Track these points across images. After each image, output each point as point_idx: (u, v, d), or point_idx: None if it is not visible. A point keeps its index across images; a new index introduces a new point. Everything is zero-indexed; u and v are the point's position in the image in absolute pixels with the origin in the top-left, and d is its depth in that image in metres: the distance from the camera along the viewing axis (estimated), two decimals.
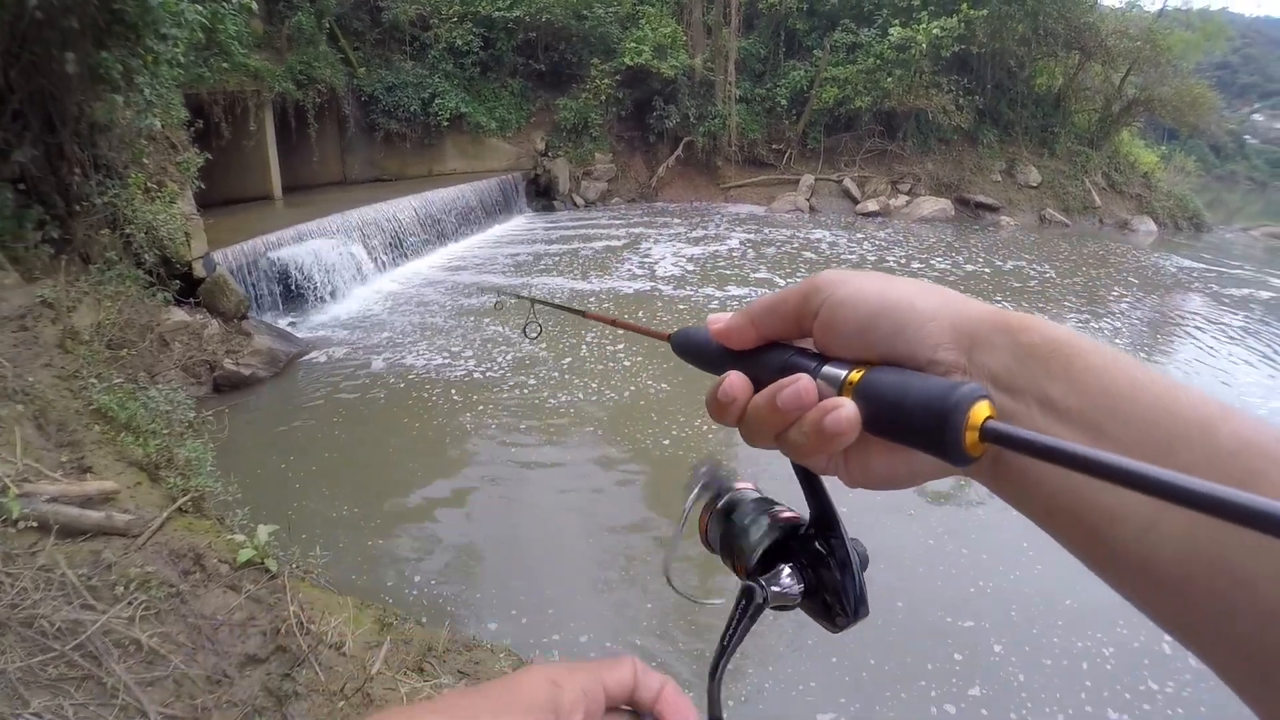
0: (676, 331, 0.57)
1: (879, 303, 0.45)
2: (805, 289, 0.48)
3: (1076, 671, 4.02)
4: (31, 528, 3.25)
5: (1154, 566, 0.35)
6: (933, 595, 4.62)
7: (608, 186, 20.03)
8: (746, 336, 0.50)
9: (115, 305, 6.43)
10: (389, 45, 18.28)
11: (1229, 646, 0.33)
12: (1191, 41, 21.87)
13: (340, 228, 11.79)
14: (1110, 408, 0.37)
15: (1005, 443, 0.37)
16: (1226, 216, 26.78)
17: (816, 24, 20.91)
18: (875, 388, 0.42)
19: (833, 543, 0.50)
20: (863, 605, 0.49)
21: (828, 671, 3.97)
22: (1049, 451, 0.34)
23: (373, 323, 10.11)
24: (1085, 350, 0.40)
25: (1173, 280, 14.19)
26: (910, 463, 0.44)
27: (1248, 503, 0.27)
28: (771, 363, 0.48)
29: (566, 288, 11.90)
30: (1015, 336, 0.41)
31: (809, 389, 0.44)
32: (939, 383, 0.40)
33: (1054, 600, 4.51)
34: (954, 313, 0.44)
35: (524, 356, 8.58)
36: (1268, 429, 0.34)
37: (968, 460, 0.39)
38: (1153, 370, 0.39)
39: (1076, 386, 0.39)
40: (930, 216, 18.76)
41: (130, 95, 6.43)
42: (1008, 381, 0.41)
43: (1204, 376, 8.91)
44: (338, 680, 2.85)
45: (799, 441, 0.44)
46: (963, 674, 4.00)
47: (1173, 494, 0.29)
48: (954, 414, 0.38)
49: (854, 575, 0.49)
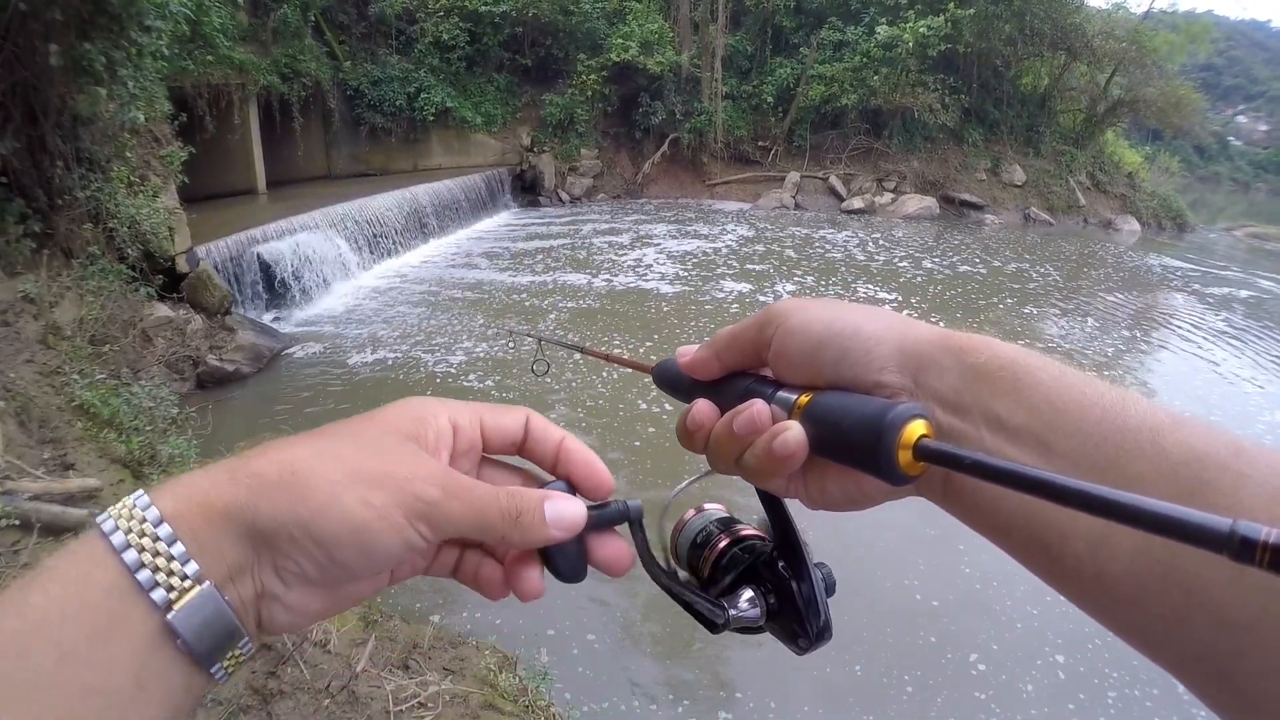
0: (656, 365, 0.58)
1: (826, 330, 0.46)
2: (760, 319, 0.49)
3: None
4: (13, 526, 3.23)
5: (1108, 580, 0.35)
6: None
7: (593, 182, 20.00)
8: (711, 368, 0.52)
9: (98, 300, 6.38)
10: (375, 39, 18.17)
11: (1187, 654, 0.34)
12: (1176, 43, 22.12)
13: (325, 222, 11.71)
14: (1057, 423, 0.38)
15: (936, 459, 0.38)
16: (1210, 217, 27.07)
17: (803, 21, 20.93)
18: (820, 410, 0.44)
19: (797, 567, 0.51)
20: (827, 630, 0.50)
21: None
22: (977, 467, 0.35)
23: (357, 318, 10.07)
24: (1033, 368, 0.40)
25: (1157, 279, 14.34)
26: (861, 484, 0.45)
27: (1148, 508, 0.28)
28: (733, 391, 0.50)
29: (553, 283, 11.87)
30: (962, 358, 0.42)
31: (762, 413, 0.45)
32: (876, 403, 0.41)
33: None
34: (900, 336, 0.44)
35: (508, 352, 8.56)
36: (1217, 436, 0.34)
37: (904, 479, 0.39)
38: (1104, 384, 0.39)
39: (1024, 404, 0.39)
40: (915, 214, 18.85)
41: (113, 88, 6.37)
42: (955, 402, 0.41)
43: (1197, 373, 9.01)
44: (323, 678, 2.84)
45: (752, 465, 0.45)
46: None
47: (1091, 505, 0.30)
48: (888, 433, 0.38)
49: (816, 600, 0.50)
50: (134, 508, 0.37)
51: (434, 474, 0.41)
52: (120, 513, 0.37)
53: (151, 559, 0.35)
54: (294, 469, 0.39)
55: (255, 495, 0.37)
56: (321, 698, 2.74)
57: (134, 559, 0.35)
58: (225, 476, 0.38)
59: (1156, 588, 0.33)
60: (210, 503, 0.37)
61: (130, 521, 0.36)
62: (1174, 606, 0.33)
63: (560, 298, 11.14)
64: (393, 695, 2.80)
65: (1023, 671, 4.06)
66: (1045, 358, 0.41)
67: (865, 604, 4.48)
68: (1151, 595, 0.34)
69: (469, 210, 16.38)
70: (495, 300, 10.94)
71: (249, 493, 0.38)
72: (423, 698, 2.79)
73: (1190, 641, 0.33)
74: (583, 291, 11.52)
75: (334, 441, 0.42)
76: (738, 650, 4.10)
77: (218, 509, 0.37)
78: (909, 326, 0.45)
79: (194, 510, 0.37)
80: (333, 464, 0.39)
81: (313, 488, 0.38)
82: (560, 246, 14.47)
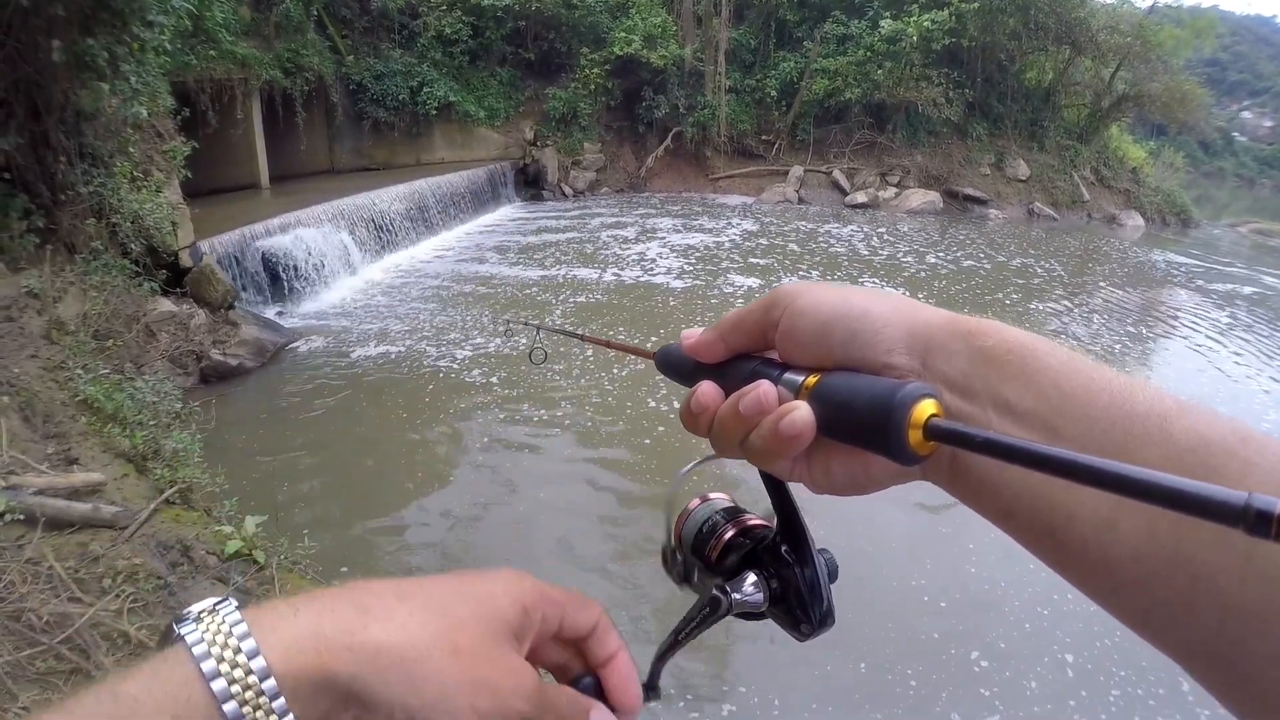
0: (659, 350, 0.58)
1: (834, 311, 0.46)
2: (767, 302, 0.49)
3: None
4: (18, 520, 3.24)
5: (1114, 564, 0.35)
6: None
7: (596, 176, 19.98)
8: (716, 350, 0.52)
9: (101, 295, 6.39)
10: (378, 33, 18.11)
11: (1192, 641, 0.34)
12: (1181, 38, 22.01)
13: (328, 217, 11.70)
14: (1065, 408, 0.38)
15: (947, 439, 0.37)
16: (1214, 212, 27.01)
17: (807, 15, 20.86)
18: (828, 391, 0.44)
19: (800, 552, 0.51)
20: (829, 616, 0.50)
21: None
22: (988, 445, 0.35)
23: (361, 312, 10.07)
24: (1041, 352, 0.40)
25: (1161, 275, 14.30)
26: (868, 467, 0.45)
27: (1166, 483, 0.28)
28: (739, 373, 0.50)
29: (558, 277, 11.87)
30: (970, 341, 0.42)
31: (769, 393, 0.45)
32: (886, 383, 0.41)
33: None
34: (908, 318, 0.45)
35: (514, 349, 8.56)
36: (1223, 423, 0.35)
37: (914, 459, 0.40)
38: (1111, 371, 0.39)
39: (1032, 388, 0.39)
40: (919, 209, 18.79)
41: (116, 83, 6.37)
42: (964, 385, 0.41)
43: (1202, 370, 8.99)
44: None
45: (758, 446, 0.45)
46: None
47: (1104, 480, 0.30)
48: (897, 412, 0.38)
49: (819, 586, 0.50)
50: (239, 651, 0.35)
51: (531, 690, 0.42)
52: (222, 653, 0.35)
53: (252, 713, 0.35)
54: (414, 656, 0.38)
55: (369, 671, 0.37)
56: None
57: (234, 712, 0.34)
58: (344, 641, 0.37)
59: (1163, 572, 0.34)
60: (324, 667, 0.36)
61: (234, 669, 0.35)
62: (1180, 591, 0.33)
63: (566, 292, 11.13)
64: None
65: (1027, 669, 4.06)
66: (1053, 343, 0.41)
67: (870, 601, 4.47)
68: (1157, 579, 0.34)
69: (472, 204, 16.36)
70: (500, 294, 10.93)
71: (363, 668, 0.37)
72: None
73: (1196, 627, 0.33)
74: (589, 285, 11.51)
75: (449, 626, 0.41)
76: (741, 645, 4.10)
77: (329, 677, 0.36)
78: (917, 309, 0.45)
79: (302, 672, 0.36)
80: (449, 661, 0.39)
81: (428, 680, 0.38)
82: (565, 241, 14.45)
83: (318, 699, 0.36)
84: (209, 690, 0.34)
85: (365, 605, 0.39)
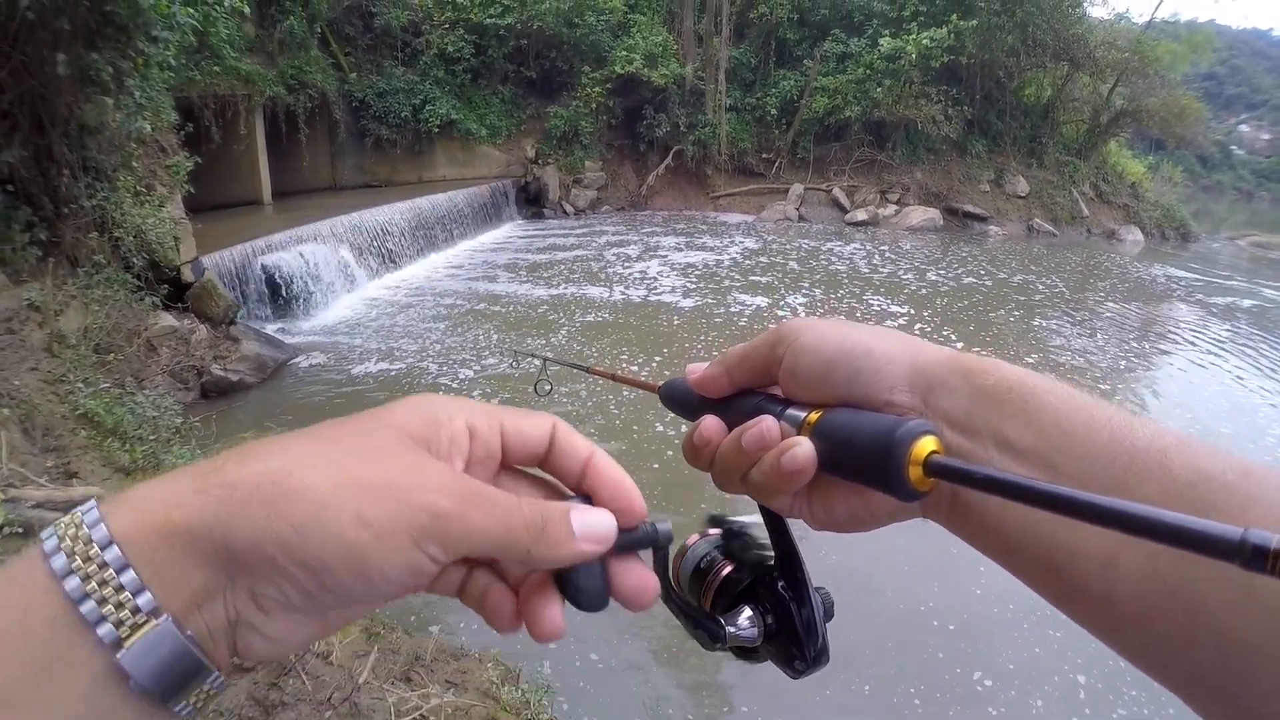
0: (664, 383, 0.58)
1: (837, 349, 0.46)
2: (771, 338, 0.50)
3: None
4: (16, 534, 3.22)
5: (1116, 600, 0.35)
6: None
7: (597, 194, 20.05)
8: (721, 385, 0.52)
9: (103, 309, 6.39)
10: (380, 51, 18.26)
11: (1194, 677, 0.34)
12: (1179, 53, 22.16)
13: (330, 233, 11.74)
14: (1065, 445, 0.38)
15: (947, 475, 0.38)
16: (1213, 226, 27.09)
17: (807, 34, 21.02)
18: (830, 427, 0.44)
19: (797, 590, 0.51)
20: (824, 654, 0.51)
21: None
22: (989, 482, 0.35)
23: (362, 329, 10.07)
24: (1041, 390, 0.40)
25: (1161, 289, 14.31)
26: (869, 503, 0.45)
27: (1152, 516, 0.28)
28: (743, 408, 0.50)
29: (560, 296, 11.87)
30: (971, 379, 0.42)
31: (772, 429, 0.46)
32: (887, 419, 0.41)
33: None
34: (911, 356, 0.45)
35: (516, 369, 8.55)
36: (1224, 458, 0.35)
37: (915, 495, 0.40)
38: (1113, 408, 0.39)
39: (1032, 426, 0.39)
40: (919, 226, 18.85)
41: (120, 97, 6.41)
42: (965, 423, 0.41)
43: (1205, 385, 8.97)
44: (325, 689, 2.82)
45: (760, 481, 0.45)
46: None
47: (1104, 517, 0.30)
48: (898, 448, 0.39)
49: (815, 622, 0.51)
50: (81, 524, 0.31)
51: (445, 482, 0.35)
52: (66, 531, 0.31)
53: (98, 588, 0.30)
54: (274, 477, 0.33)
55: (227, 510, 0.32)
56: (324, 709, 2.72)
57: (77, 587, 0.30)
58: (192, 486, 0.33)
59: (1164, 606, 0.34)
60: (171, 519, 0.32)
61: (76, 542, 0.31)
62: (1180, 625, 0.33)
63: (570, 311, 11.11)
64: (395, 707, 2.77)
65: (1034, 688, 4.01)
66: (1054, 380, 0.41)
67: (877, 622, 4.43)
68: (1159, 615, 0.34)
69: (474, 222, 16.43)
70: (503, 313, 10.92)
71: (219, 506, 0.32)
72: (425, 710, 2.77)
73: (1198, 662, 0.33)
74: (596, 304, 11.49)
75: (326, 444, 0.36)
76: (742, 667, 4.04)
77: (179, 527, 0.32)
78: (920, 347, 0.46)
79: (151, 529, 0.32)
80: (322, 471, 0.34)
81: (295, 501, 0.32)
82: (572, 259, 14.46)
83: (185, 565, 0.32)
84: (51, 570, 0.31)
85: (230, 454, 0.35)
